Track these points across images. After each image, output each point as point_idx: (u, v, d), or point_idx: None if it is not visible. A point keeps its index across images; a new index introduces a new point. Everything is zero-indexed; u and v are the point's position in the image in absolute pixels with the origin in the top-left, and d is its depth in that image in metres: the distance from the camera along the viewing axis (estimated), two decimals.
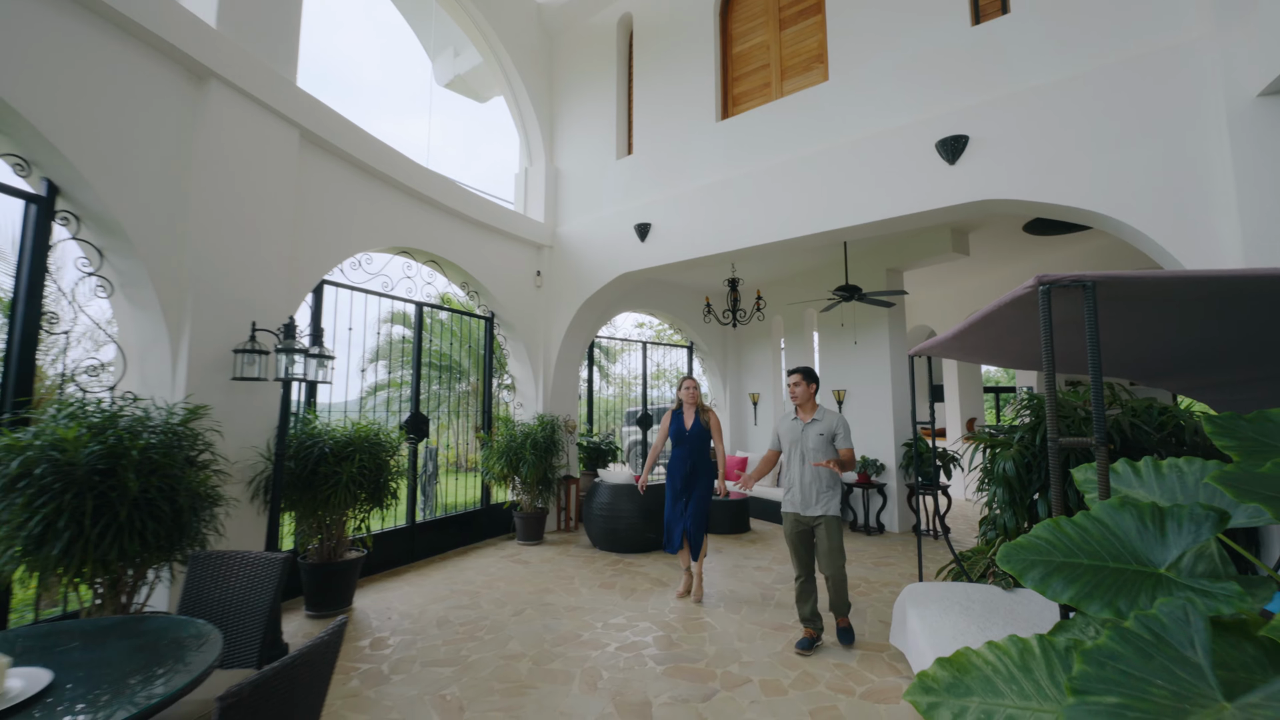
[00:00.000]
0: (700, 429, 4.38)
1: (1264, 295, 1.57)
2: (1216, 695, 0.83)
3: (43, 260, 2.91)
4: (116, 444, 2.50)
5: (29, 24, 2.74)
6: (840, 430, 3.43)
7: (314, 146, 4.27)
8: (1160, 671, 0.87)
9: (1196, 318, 1.82)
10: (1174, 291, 1.54)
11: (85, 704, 1.39)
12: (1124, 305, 1.75)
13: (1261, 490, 1.11)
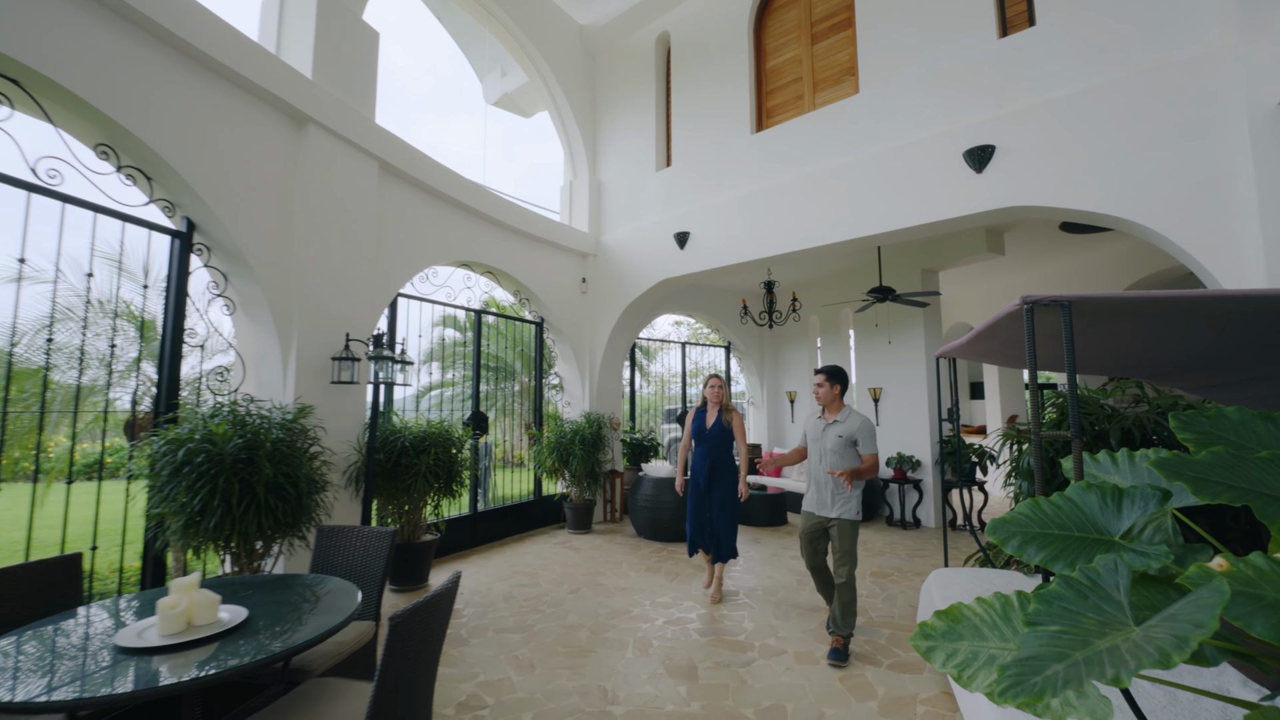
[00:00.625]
0: (721, 428, 4.30)
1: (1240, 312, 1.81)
2: (1129, 623, 1.15)
3: (184, 285, 3.50)
4: (253, 437, 3.04)
5: (175, 90, 3.31)
6: (862, 435, 3.32)
7: (390, 175, 4.81)
8: (1091, 608, 1.19)
9: (1186, 327, 2.06)
10: (1144, 310, 1.81)
11: (277, 630, 1.86)
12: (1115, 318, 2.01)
13: (1187, 472, 1.39)
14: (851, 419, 3.37)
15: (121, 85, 3.02)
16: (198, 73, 3.42)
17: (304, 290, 3.91)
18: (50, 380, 4.26)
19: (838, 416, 3.41)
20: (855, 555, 3.29)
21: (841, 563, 3.26)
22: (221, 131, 3.53)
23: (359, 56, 4.53)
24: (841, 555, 3.27)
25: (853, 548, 3.27)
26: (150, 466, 2.96)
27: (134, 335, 4.54)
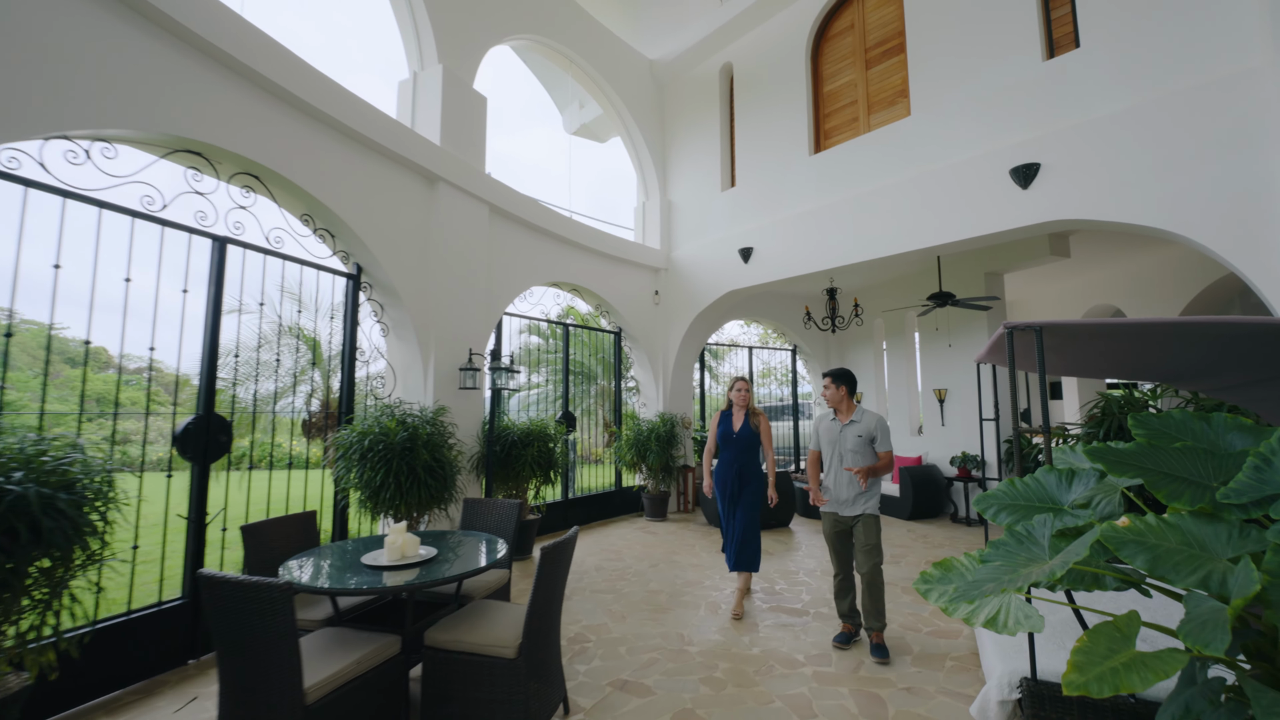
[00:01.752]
0: (749, 432, 4.14)
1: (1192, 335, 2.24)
2: (1046, 558, 1.71)
3: (355, 315, 4.57)
4: (413, 431, 4.01)
5: (349, 167, 4.36)
6: (880, 432, 3.43)
7: (498, 215, 5.78)
8: (1024, 549, 1.77)
9: (1159, 345, 2.47)
10: (1104, 334, 2.27)
11: (457, 561, 2.71)
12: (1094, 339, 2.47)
13: (1108, 458, 1.90)
14: (867, 418, 3.47)
15: (316, 169, 4.08)
16: (363, 152, 4.47)
17: (438, 315, 4.90)
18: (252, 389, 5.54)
19: (853, 417, 3.51)
20: (881, 549, 3.39)
21: (869, 557, 3.35)
22: (379, 194, 4.57)
23: (472, 120, 5.51)
24: (869, 549, 3.35)
25: (878, 542, 3.38)
26: (342, 453, 3.99)
27: (308, 353, 5.77)
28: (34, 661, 2.31)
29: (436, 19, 5.21)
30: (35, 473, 2.08)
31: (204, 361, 3.41)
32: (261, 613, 1.92)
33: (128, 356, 4.97)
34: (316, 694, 2.03)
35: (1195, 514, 1.63)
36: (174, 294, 3.28)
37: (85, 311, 2.85)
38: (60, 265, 2.76)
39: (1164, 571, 1.44)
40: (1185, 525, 1.60)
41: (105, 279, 2.93)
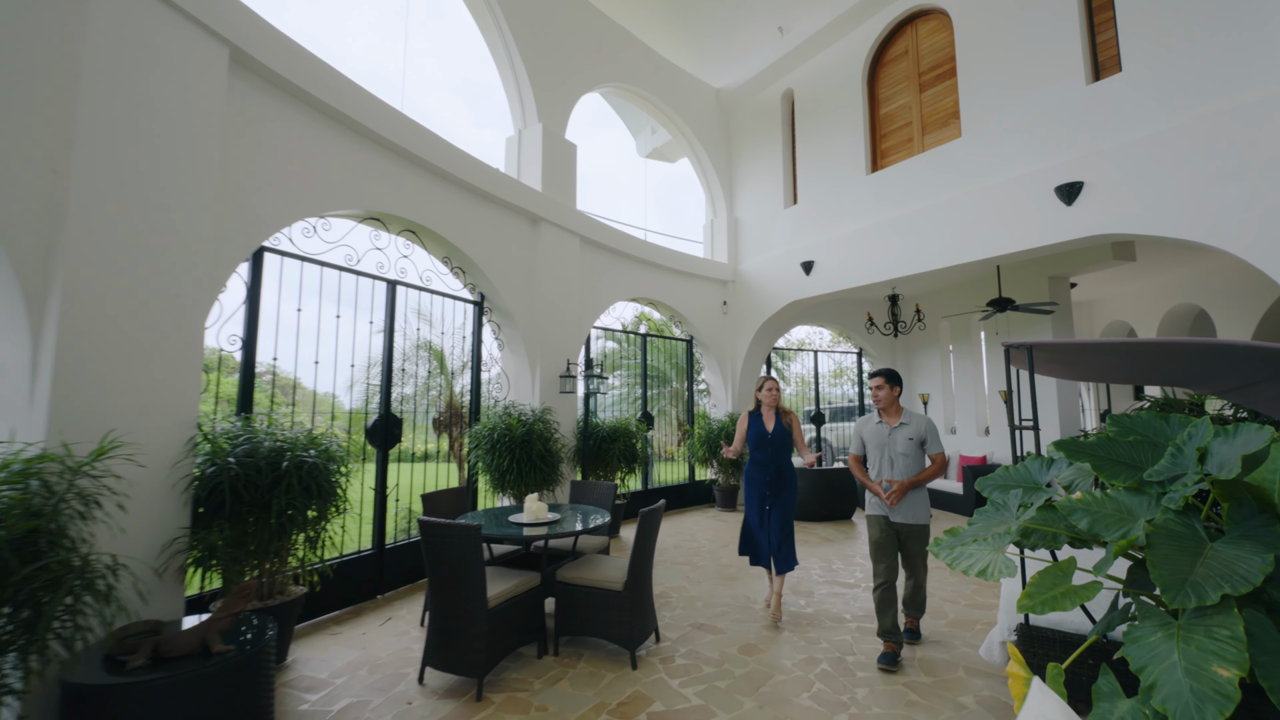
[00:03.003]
0: (783, 432, 4.09)
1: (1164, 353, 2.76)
2: (1012, 521, 2.38)
3: (480, 334, 5.68)
4: (529, 428, 5.03)
5: (474, 214, 5.45)
6: (930, 434, 3.38)
7: (587, 244, 6.76)
8: (998, 515, 2.44)
9: (1151, 358, 2.97)
10: (1089, 351, 2.81)
11: (574, 523, 3.63)
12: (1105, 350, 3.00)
13: (1069, 448, 2.50)
14: (916, 420, 3.42)
15: (451, 219, 5.19)
16: (485, 203, 5.57)
17: (541, 331, 5.94)
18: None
19: (902, 419, 3.45)
20: (926, 564, 3.43)
21: (917, 565, 3.41)
22: (496, 236, 5.65)
23: (566, 165, 6.53)
24: (920, 558, 3.39)
25: (924, 556, 3.39)
26: (476, 443, 5.08)
27: (436, 364, 7.02)
28: (305, 579, 3.47)
29: (536, 82, 6.26)
30: (319, 453, 3.20)
31: (384, 374, 4.58)
32: (462, 545, 2.91)
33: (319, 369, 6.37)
34: (493, 602, 3.00)
35: (1128, 489, 2.26)
36: (344, 321, 4.46)
37: (311, 340, 4.04)
38: (301, 309, 3.96)
39: (1099, 529, 2.08)
40: (1119, 496, 2.23)
41: (316, 316, 4.12)
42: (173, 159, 2.86)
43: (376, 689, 3.00)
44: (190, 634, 2.38)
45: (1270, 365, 2.61)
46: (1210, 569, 1.77)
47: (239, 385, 3.61)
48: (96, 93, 2.57)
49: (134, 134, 2.70)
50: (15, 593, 1.95)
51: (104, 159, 2.58)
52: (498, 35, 6.08)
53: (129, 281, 2.65)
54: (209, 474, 2.86)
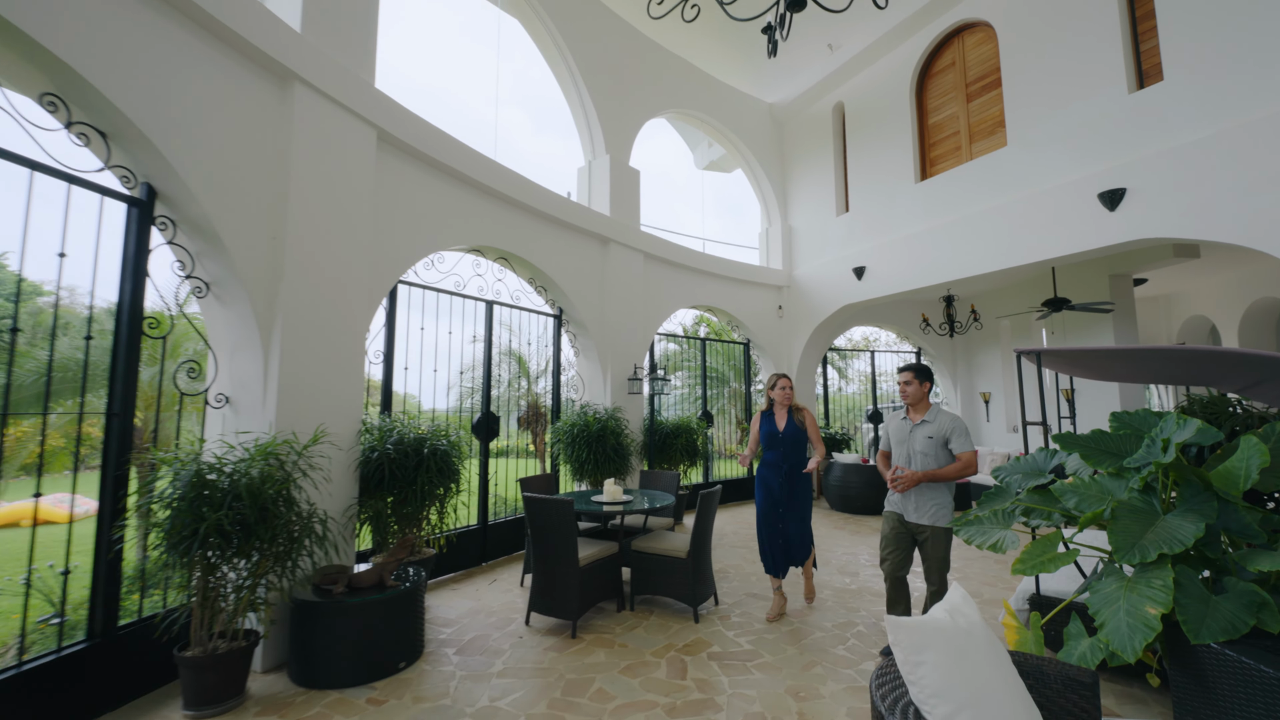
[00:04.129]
0: (795, 430, 4.00)
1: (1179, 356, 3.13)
2: (1009, 501, 2.88)
3: (559, 343, 6.52)
4: (603, 424, 5.81)
5: (554, 241, 6.29)
6: (955, 434, 3.21)
7: (651, 259, 7.49)
8: (1000, 496, 2.95)
9: (1151, 362, 3.31)
10: (1091, 357, 3.20)
11: (645, 503, 4.34)
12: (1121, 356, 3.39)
13: (1067, 441, 2.94)
14: (941, 418, 3.28)
15: (536, 246, 6.05)
16: (562, 230, 6.39)
17: (611, 339, 6.71)
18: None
19: (925, 416, 3.32)
20: (949, 562, 3.19)
21: (937, 572, 3.17)
22: (572, 256, 6.45)
23: (630, 189, 7.27)
24: (937, 564, 3.17)
25: (947, 555, 3.17)
26: (559, 438, 5.91)
27: (519, 372, 7.97)
28: (436, 544, 4.38)
29: (603, 117, 7.04)
30: (448, 444, 4.08)
31: (484, 379, 5.50)
32: (560, 515, 3.69)
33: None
34: (583, 562, 3.76)
35: (1110, 474, 2.73)
36: (453, 336, 5.38)
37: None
38: (424, 328, 4.90)
39: (1084, 507, 2.58)
40: (1103, 480, 2.71)
41: (434, 332, 5.04)
42: (344, 220, 3.82)
43: (494, 627, 3.84)
44: (371, 572, 3.28)
45: (1254, 367, 2.94)
46: (1156, 535, 2.27)
47: (381, 390, 4.59)
48: (298, 177, 3.53)
49: (321, 204, 3.66)
50: (274, 534, 2.88)
51: (304, 226, 3.55)
52: (569, 78, 6.90)
53: (321, 316, 3.61)
54: (372, 458, 3.79)
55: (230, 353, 3.39)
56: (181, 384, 3.32)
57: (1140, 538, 2.29)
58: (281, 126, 3.52)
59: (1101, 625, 2.21)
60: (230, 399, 3.38)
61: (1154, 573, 2.20)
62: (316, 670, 3.05)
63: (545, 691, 2.98)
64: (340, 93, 3.81)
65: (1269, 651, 1.91)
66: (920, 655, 1.36)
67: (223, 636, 2.87)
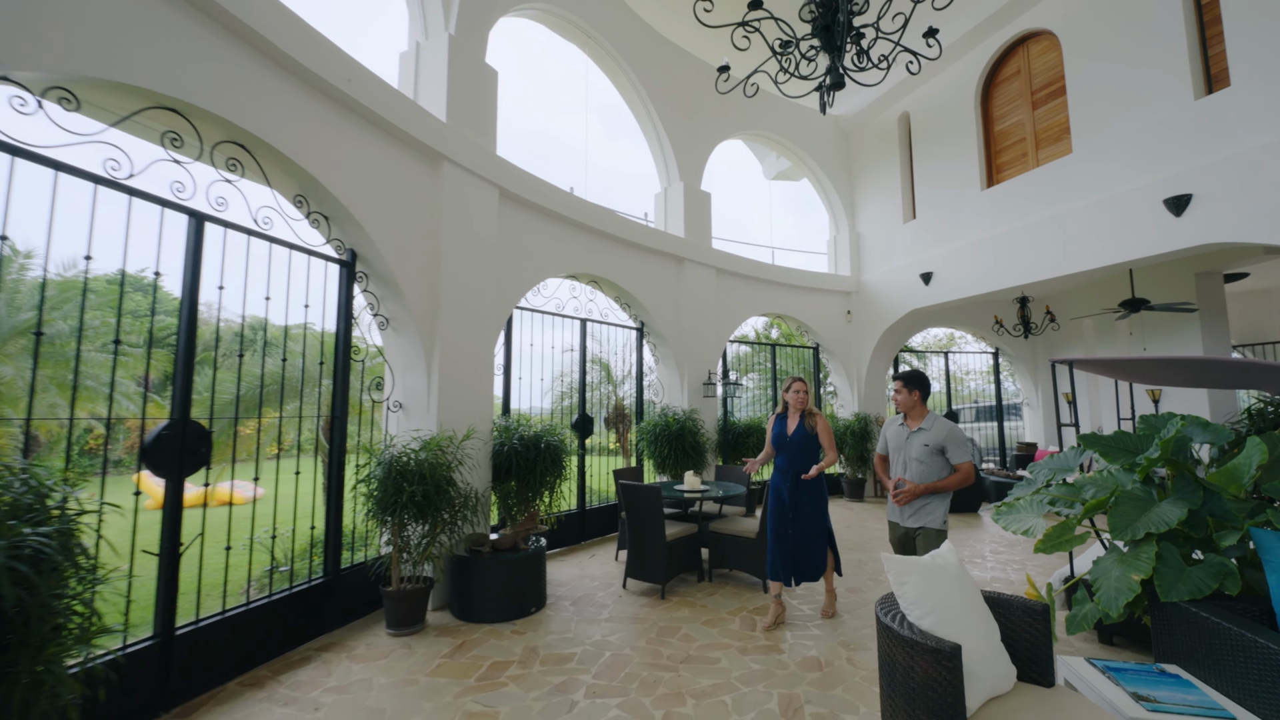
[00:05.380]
0: (804, 434, 3.96)
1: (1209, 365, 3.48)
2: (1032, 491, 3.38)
3: (641, 353, 7.39)
4: (682, 424, 6.61)
5: (649, 272, 7.15)
6: (951, 443, 3.26)
7: (723, 274, 8.19)
8: (1027, 486, 3.46)
9: (1185, 369, 3.63)
10: (1120, 367, 3.57)
11: (721, 492, 5.09)
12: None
13: (1087, 440, 3.37)
14: (938, 426, 3.30)
15: (621, 268, 6.94)
16: (641, 252, 7.25)
17: (688, 348, 7.49)
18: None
19: (922, 424, 3.36)
20: None
21: None
22: (651, 276, 7.29)
23: (702, 211, 8.01)
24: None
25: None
26: (643, 436, 6.77)
27: (604, 377, 8.94)
28: (548, 521, 5.36)
29: (676, 147, 7.82)
30: (558, 439, 5.04)
31: (580, 385, 6.46)
32: (650, 499, 4.52)
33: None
34: (669, 538, 4.57)
35: (1122, 468, 3.19)
36: (551, 350, 6.35)
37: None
38: (533, 343, 5.91)
39: (1098, 495, 3.07)
40: (1117, 473, 3.19)
41: (541, 346, 6.03)
42: (478, 264, 4.86)
43: (597, 588, 4.74)
44: (508, 537, 4.27)
45: (1266, 373, 3.25)
46: (1148, 518, 2.77)
47: (502, 396, 5.63)
48: (446, 234, 4.59)
49: (462, 254, 4.71)
50: (443, 506, 3.91)
51: (452, 272, 4.61)
52: (645, 114, 7.74)
53: (465, 340, 4.66)
54: (502, 450, 4.80)
55: (402, 370, 4.51)
56: (371, 395, 4.47)
57: (1134, 521, 2.77)
58: (434, 195, 4.60)
59: (1098, 590, 2.73)
60: (403, 405, 4.49)
61: (1141, 548, 2.69)
62: (472, 609, 4.06)
63: (643, 633, 3.81)
64: (474, 163, 4.86)
65: (1225, 609, 2.37)
66: (904, 578, 2.03)
67: (408, 581, 3.94)
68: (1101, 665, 2.39)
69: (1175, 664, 2.44)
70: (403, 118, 4.23)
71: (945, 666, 1.77)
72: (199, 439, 3.03)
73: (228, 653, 3.17)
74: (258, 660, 3.34)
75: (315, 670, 3.30)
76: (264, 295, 3.47)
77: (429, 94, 4.81)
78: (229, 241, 3.26)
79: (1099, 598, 2.69)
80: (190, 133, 3.08)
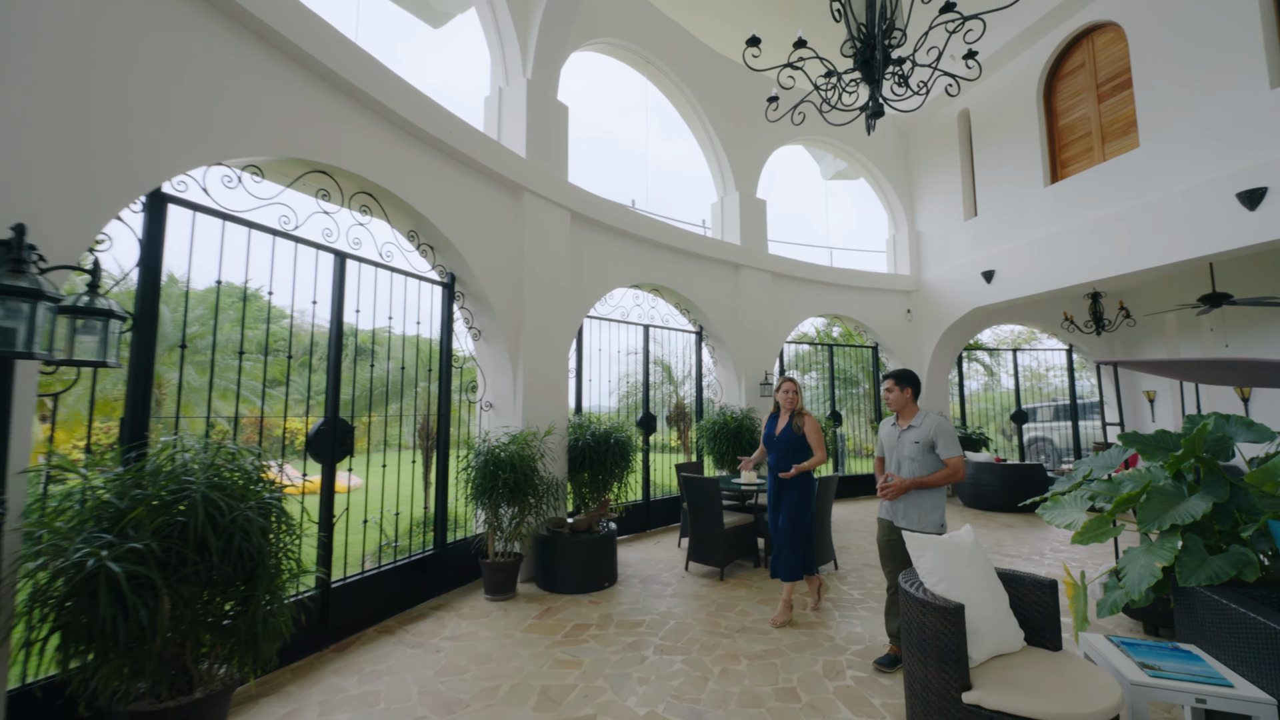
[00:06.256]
0: (791, 435, 4.05)
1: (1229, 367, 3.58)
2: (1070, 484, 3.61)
3: (700, 356, 7.85)
4: (739, 423, 7.02)
5: (710, 281, 7.62)
6: (941, 437, 3.18)
7: (779, 278, 8.50)
8: (1068, 481, 3.67)
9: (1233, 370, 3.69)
10: (1166, 367, 3.68)
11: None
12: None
13: (1126, 438, 3.54)
14: (927, 423, 3.26)
15: (680, 276, 7.42)
16: (700, 261, 7.70)
17: (744, 350, 7.88)
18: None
19: (912, 421, 3.31)
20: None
21: None
22: (710, 282, 7.72)
23: (758, 219, 8.36)
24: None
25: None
26: (703, 433, 7.24)
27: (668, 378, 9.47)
28: (617, 509, 5.95)
29: (731, 158, 8.20)
30: (625, 436, 5.61)
31: (644, 386, 7.01)
32: (710, 490, 5.00)
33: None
34: (727, 526, 5.02)
35: (1162, 466, 3.37)
36: (617, 355, 6.92)
37: None
38: (601, 348, 6.52)
39: (1130, 490, 3.30)
40: (1153, 470, 3.38)
41: (608, 350, 6.62)
42: (554, 280, 5.50)
43: (662, 569, 5.27)
44: (584, 521, 4.87)
45: None
46: (1175, 512, 2.99)
47: (575, 396, 6.27)
48: (528, 255, 5.25)
49: (541, 272, 5.36)
50: (529, 492, 4.56)
51: (533, 289, 5.26)
52: (702, 129, 8.18)
53: (544, 348, 5.31)
54: (577, 445, 5.42)
55: (493, 374, 5.22)
56: (467, 396, 5.21)
57: (1163, 514, 2.97)
58: (516, 222, 5.28)
59: (1124, 576, 2.96)
60: (493, 405, 5.20)
61: (1167, 539, 2.90)
62: (554, 581, 4.69)
63: (703, 607, 4.30)
64: (549, 191, 5.50)
65: (1240, 593, 2.58)
66: (922, 552, 2.41)
67: (501, 555, 4.62)
68: (1118, 641, 2.66)
69: (1194, 644, 2.66)
70: (491, 158, 4.91)
71: (950, 622, 2.16)
72: (345, 433, 3.81)
73: (366, 605, 3.94)
74: (387, 613, 4.10)
75: (431, 624, 4.02)
76: (387, 315, 4.23)
77: (511, 132, 5.50)
78: (362, 273, 4.03)
79: (1124, 583, 2.92)
80: (334, 187, 3.86)
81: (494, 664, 3.39)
